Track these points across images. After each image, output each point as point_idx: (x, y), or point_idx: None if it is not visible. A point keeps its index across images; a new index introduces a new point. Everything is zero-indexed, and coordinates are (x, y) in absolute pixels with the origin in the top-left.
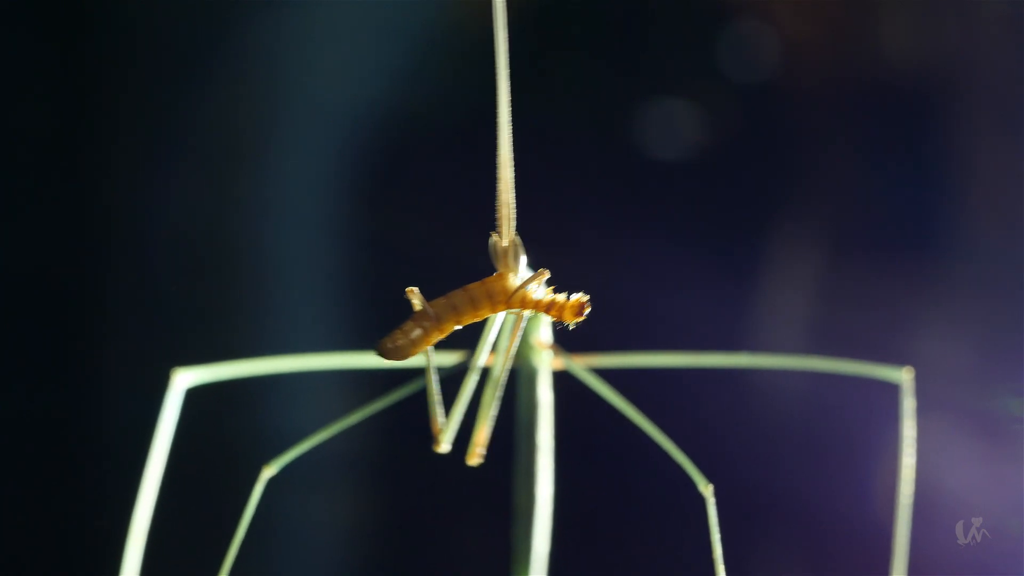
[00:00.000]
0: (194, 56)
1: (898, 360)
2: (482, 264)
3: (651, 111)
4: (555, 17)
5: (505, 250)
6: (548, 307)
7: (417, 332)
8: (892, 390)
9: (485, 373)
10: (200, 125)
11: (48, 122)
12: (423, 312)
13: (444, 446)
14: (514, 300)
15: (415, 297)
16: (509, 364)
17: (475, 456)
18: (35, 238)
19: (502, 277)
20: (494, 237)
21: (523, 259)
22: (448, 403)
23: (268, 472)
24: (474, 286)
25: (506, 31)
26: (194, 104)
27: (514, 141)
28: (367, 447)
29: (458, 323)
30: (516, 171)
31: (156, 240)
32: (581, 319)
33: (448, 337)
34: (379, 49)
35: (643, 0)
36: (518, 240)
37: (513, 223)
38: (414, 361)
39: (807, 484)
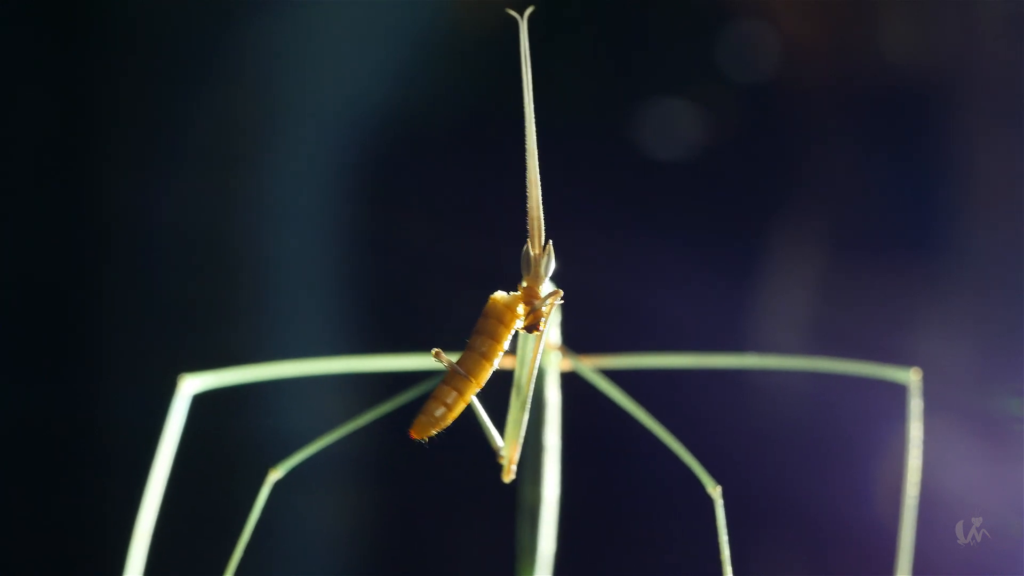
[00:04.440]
0: (194, 56)
1: (899, 360)
2: (485, 264)
3: (652, 111)
4: (555, 17)
5: (537, 258)
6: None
7: (453, 395)
8: (895, 391)
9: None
10: (203, 127)
11: (49, 123)
12: (454, 373)
13: (512, 475)
14: (529, 319)
15: (442, 358)
16: (534, 380)
17: (509, 473)
18: (40, 244)
19: (497, 302)
20: (527, 246)
21: (552, 268)
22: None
23: (274, 475)
24: (489, 323)
25: (529, 63)
26: (196, 105)
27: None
28: (373, 450)
29: (492, 367)
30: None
31: (162, 245)
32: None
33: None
34: (379, 50)
35: (643, 0)
36: (550, 249)
37: (543, 234)
38: (421, 364)
39: (813, 485)
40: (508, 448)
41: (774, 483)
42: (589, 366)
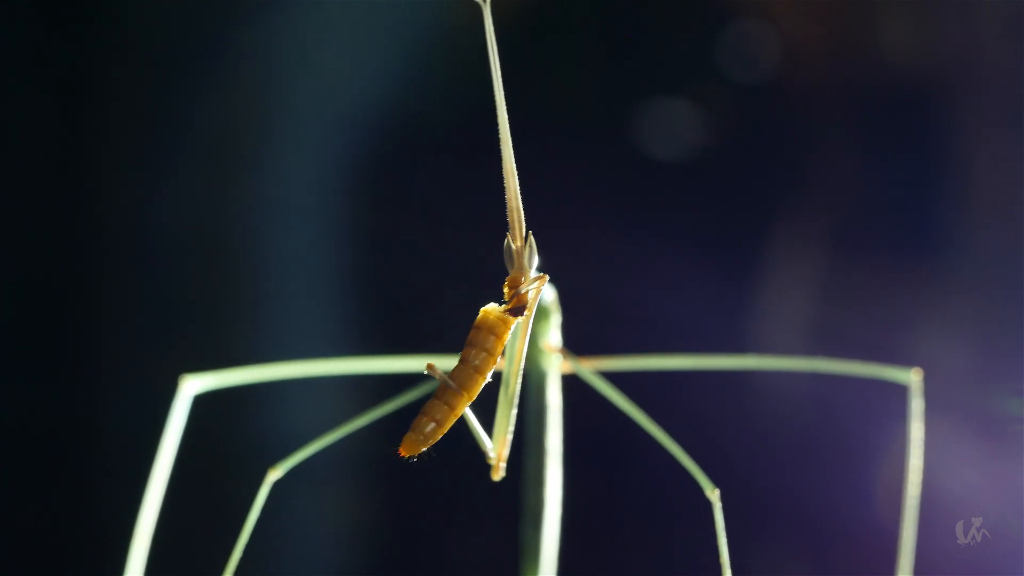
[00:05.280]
0: (194, 56)
1: (899, 360)
2: (486, 265)
3: (652, 111)
4: (555, 17)
5: (519, 251)
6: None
7: (444, 409)
8: (897, 391)
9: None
10: (203, 127)
11: (49, 123)
12: (445, 388)
13: (501, 473)
14: (513, 302)
15: (435, 372)
16: (520, 373)
17: (498, 471)
18: (41, 244)
19: (488, 314)
20: (508, 239)
21: (536, 260)
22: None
23: (274, 475)
24: (482, 335)
25: (496, 51)
26: (196, 105)
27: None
28: (373, 450)
29: (485, 380)
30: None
31: (164, 245)
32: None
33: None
34: (379, 50)
35: (643, 0)
36: (532, 241)
37: (523, 226)
38: (421, 366)
39: (815, 485)
40: (496, 445)
41: (775, 484)
42: (589, 368)
